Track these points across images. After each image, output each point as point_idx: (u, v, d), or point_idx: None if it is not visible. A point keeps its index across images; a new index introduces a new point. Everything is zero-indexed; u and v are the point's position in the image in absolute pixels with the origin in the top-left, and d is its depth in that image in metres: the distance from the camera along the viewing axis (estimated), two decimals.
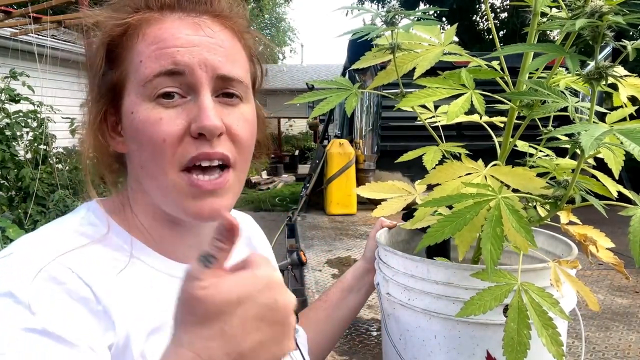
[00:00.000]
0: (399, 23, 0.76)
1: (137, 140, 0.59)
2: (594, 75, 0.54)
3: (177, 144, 0.58)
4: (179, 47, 0.58)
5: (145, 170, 0.60)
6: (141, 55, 0.59)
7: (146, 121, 0.58)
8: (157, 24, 0.60)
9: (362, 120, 3.55)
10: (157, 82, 0.57)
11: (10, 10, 4.48)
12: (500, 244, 0.57)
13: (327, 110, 0.79)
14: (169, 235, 0.66)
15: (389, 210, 0.93)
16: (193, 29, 0.60)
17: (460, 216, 0.59)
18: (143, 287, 0.60)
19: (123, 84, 0.60)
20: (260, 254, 0.48)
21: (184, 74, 0.58)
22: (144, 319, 0.58)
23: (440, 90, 0.72)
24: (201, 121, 0.57)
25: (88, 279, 0.54)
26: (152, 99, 0.58)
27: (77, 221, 0.63)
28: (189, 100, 0.59)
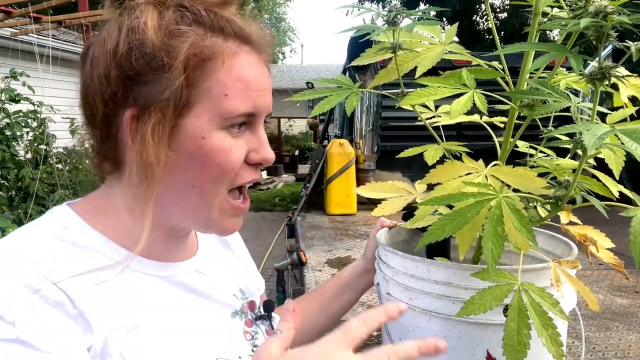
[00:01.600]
0: (400, 22, 0.76)
1: (201, 162, 0.63)
2: (597, 76, 0.54)
3: (238, 171, 0.66)
4: (259, 90, 0.65)
5: (198, 189, 0.65)
6: (226, 89, 0.62)
7: (220, 150, 0.63)
8: (238, 58, 0.64)
9: (362, 120, 3.55)
10: (238, 118, 0.64)
11: (11, 10, 4.48)
12: (502, 243, 0.57)
13: (327, 108, 0.79)
14: (157, 237, 0.69)
15: (389, 210, 0.92)
16: (262, 68, 0.67)
17: (461, 215, 0.59)
18: (119, 288, 0.62)
19: (193, 104, 0.62)
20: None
21: (255, 116, 0.66)
22: (121, 318, 0.60)
23: (442, 89, 0.72)
24: (265, 154, 0.67)
25: (62, 284, 0.56)
26: (223, 128, 0.63)
27: (49, 225, 0.64)
28: (244, 130, 0.66)
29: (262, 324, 0.82)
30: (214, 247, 0.85)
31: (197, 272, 0.75)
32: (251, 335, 0.79)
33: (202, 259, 0.78)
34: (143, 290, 0.65)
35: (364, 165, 3.52)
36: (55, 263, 0.58)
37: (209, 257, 0.80)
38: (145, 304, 0.64)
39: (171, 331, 0.65)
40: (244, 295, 0.83)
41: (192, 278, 0.73)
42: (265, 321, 0.83)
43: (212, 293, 0.76)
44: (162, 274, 0.69)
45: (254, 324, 0.81)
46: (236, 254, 0.90)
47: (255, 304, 0.84)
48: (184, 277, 0.72)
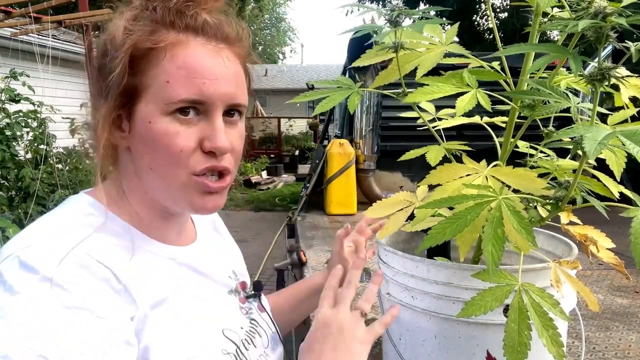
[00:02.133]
0: (402, 22, 0.76)
1: (151, 146, 0.67)
2: (597, 77, 0.54)
3: (189, 156, 0.68)
4: (205, 78, 0.67)
5: (155, 172, 0.69)
6: (169, 76, 0.66)
7: (165, 133, 0.66)
8: (184, 47, 0.67)
9: (362, 120, 3.54)
10: (180, 104, 0.66)
11: (11, 10, 4.48)
12: (502, 245, 0.57)
13: (329, 107, 0.80)
14: (161, 223, 0.75)
15: (395, 226, 0.92)
16: (214, 57, 0.69)
17: (461, 217, 0.59)
18: (144, 268, 0.69)
19: (141, 92, 0.67)
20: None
21: (204, 103, 0.67)
22: (149, 294, 0.67)
23: (445, 88, 0.72)
24: (215, 142, 0.68)
25: (106, 262, 0.63)
26: (169, 113, 0.66)
27: (72, 213, 0.69)
28: (200, 118, 0.68)
29: (253, 302, 0.90)
30: (209, 233, 0.91)
31: (199, 255, 0.81)
32: (246, 310, 0.86)
33: (201, 244, 0.84)
34: (158, 269, 0.71)
35: (364, 165, 3.52)
36: (95, 245, 0.64)
37: (207, 243, 0.86)
38: (162, 281, 0.70)
39: (184, 307, 0.72)
40: (236, 277, 0.90)
41: (195, 260, 0.79)
42: (256, 299, 0.90)
43: (212, 274, 0.82)
44: (170, 255, 0.75)
45: (247, 301, 0.88)
46: (226, 240, 0.97)
47: (247, 284, 0.91)
48: (189, 259, 0.78)
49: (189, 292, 0.74)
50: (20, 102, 4.07)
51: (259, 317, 0.88)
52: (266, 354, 0.84)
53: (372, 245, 1.04)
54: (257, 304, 0.90)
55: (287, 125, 16.91)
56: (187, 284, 0.75)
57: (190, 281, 0.76)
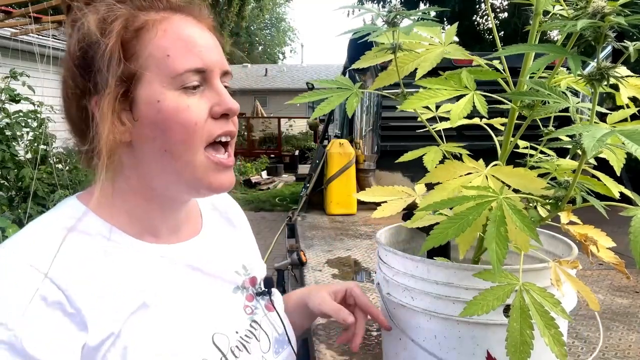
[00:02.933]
0: (400, 23, 0.76)
1: (163, 126, 0.66)
2: (596, 76, 0.54)
3: (204, 126, 0.68)
4: (202, 47, 0.68)
5: (171, 153, 0.67)
6: (167, 49, 0.66)
7: (176, 109, 0.66)
8: (170, 22, 0.68)
9: (362, 120, 3.54)
10: (186, 75, 0.66)
11: (11, 10, 4.48)
12: (506, 243, 0.57)
13: (328, 110, 0.80)
14: (156, 216, 0.74)
15: (389, 212, 0.93)
16: (200, 29, 0.71)
17: (463, 218, 0.59)
18: (125, 271, 0.67)
19: (140, 76, 0.66)
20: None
21: (205, 72, 0.68)
22: (125, 301, 0.64)
23: (442, 92, 0.72)
24: (226, 104, 0.69)
25: (62, 282, 0.60)
26: (177, 89, 0.66)
27: (60, 216, 0.68)
28: (203, 89, 0.69)
29: (262, 299, 0.87)
30: (219, 225, 0.89)
31: (200, 250, 0.79)
32: (251, 309, 0.83)
33: (205, 237, 0.82)
34: (142, 271, 0.69)
35: (364, 165, 3.52)
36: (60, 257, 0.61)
37: (213, 236, 0.84)
38: (145, 284, 0.68)
39: (171, 309, 0.69)
40: (246, 271, 0.87)
41: (194, 256, 0.77)
42: (265, 296, 0.87)
43: (215, 270, 0.80)
44: (162, 253, 0.73)
45: (255, 299, 0.85)
46: (239, 231, 0.94)
47: (257, 279, 0.88)
48: (186, 256, 0.76)
49: (182, 292, 0.72)
50: (20, 102, 4.07)
51: (264, 317, 0.85)
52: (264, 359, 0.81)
53: (371, 245, 1.04)
54: (265, 302, 0.87)
55: (287, 125, 16.92)
56: (181, 283, 0.73)
57: (185, 280, 0.74)
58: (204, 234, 0.83)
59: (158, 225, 0.74)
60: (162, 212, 0.74)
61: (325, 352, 1.19)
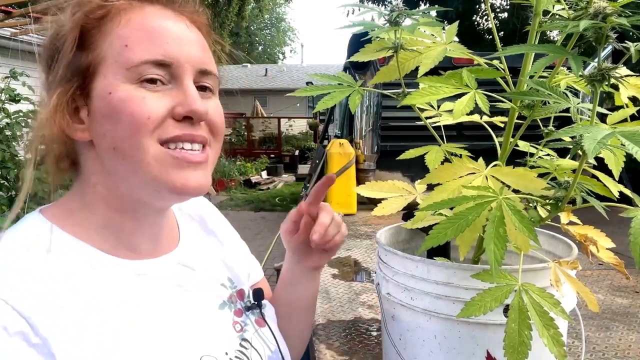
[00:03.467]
0: (402, 22, 0.76)
1: (113, 118, 0.58)
2: (597, 77, 0.54)
3: (159, 124, 0.59)
4: (168, 38, 0.61)
5: (120, 151, 0.59)
6: (126, 39, 0.59)
7: (127, 99, 0.58)
8: (139, 11, 0.61)
9: (362, 120, 3.54)
10: (143, 68, 0.59)
11: (10, 10, 4.48)
12: (504, 244, 0.57)
13: (331, 104, 0.79)
14: (130, 228, 0.66)
15: (389, 210, 0.92)
16: (175, 21, 0.63)
17: (462, 218, 0.59)
18: (98, 292, 0.60)
19: (96, 67, 0.60)
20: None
21: (170, 66, 0.60)
22: (98, 326, 0.58)
23: (443, 89, 0.72)
24: (189, 105, 0.60)
25: (26, 310, 0.53)
26: (134, 82, 0.59)
27: (20, 236, 0.61)
28: (170, 87, 0.61)
29: (251, 314, 0.79)
30: (198, 236, 0.81)
31: (180, 264, 0.72)
32: (240, 326, 0.76)
33: (184, 251, 0.74)
34: (120, 292, 0.62)
35: (364, 165, 3.52)
36: (24, 280, 0.55)
37: (193, 248, 0.76)
38: (124, 306, 0.61)
39: (153, 332, 0.62)
40: (232, 284, 0.79)
41: (174, 272, 0.70)
42: (256, 310, 0.79)
43: (198, 285, 0.73)
44: (139, 271, 0.66)
45: (244, 314, 0.78)
46: (222, 241, 0.85)
47: (245, 292, 0.81)
48: (166, 272, 0.69)
49: (163, 312, 0.65)
50: (20, 102, 4.07)
51: (255, 334, 0.77)
52: None
53: (371, 244, 1.03)
54: (255, 317, 0.79)
55: (287, 125, 16.91)
56: (162, 302, 0.66)
57: (166, 298, 0.67)
58: (183, 246, 0.74)
59: (133, 239, 0.67)
60: (136, 223, 0.67)
61: (326, 352, 1.19)
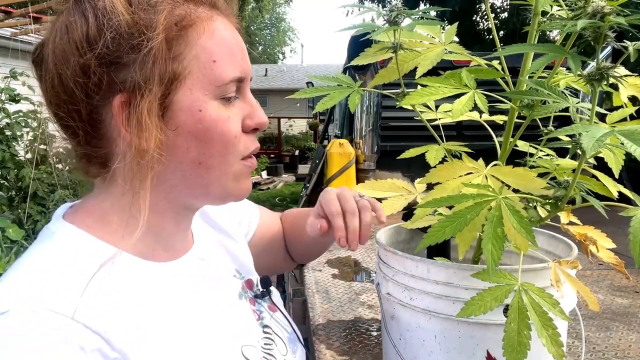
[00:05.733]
0: (401, 22, 0.76)
1: (202, 137, 0.60)
2: (595, 76, 0.55)
3: (240, 140, 0.64)
4: (241, 53, 0.64)
5: (205, 166, 0.62)
6: (213, 54, 0.60)
7: (218, 120, 0.60)
8: (214, 22, 0.61)
9: (362, 120, 3.54)
10: (230, 85, 0.61)
11: (10, 10, 4.48)
12: (501, 244, 0.57)
13: (330, 105, 0.79)
14: (170, 231, 0.67)
15: (390, 210, 0.92)
16: (236, 33, 0.65)
17: (460, 216, 0.59)
18: (148, 297, 0.60)
19: (183, 77, 0.58)
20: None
21: (244, 80, 0.64)
22: (159, 328, 0.59)
23: (442, 89, 0.72)
24: (259, 118, 0.66)
25: (97, 326, 0.52)
26: (217, 99, 0.61)
27: (65, 250, 0.58)
28: (236, 97, 0.64)
29: (263, 302, 0.80)
30: (203, 229, 0.81)
31: (200, 259, 0.72)
32: (257, 314, 0.77)
33: (200, 245, 0.75)
34: (168, 296, 0.63)
35: (364, 165, 3.52)
36: (85, 300, 0.53)
37: (204, 241, 0.77)
38: (171, 307, 0.62)
39: (198, 329, 0.64)
40: (240, 275, 0.80)
41: (200, 267, 0.71)
42: (266, 297, 0.81)
43: (219, 279, 0.74)
44: (177, 271, 0.66)
45: (256, 303, 0.79)
46: (223, 229, 0.85)
47: (253, 282, 0.82)
48: (195, 268, 0.70)
49: (203, 308, 0.67)
50: (20, 102, 4.07)
51: (272, 320, 0.79)
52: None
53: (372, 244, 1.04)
54: (267, 303, 0.81)
55: (287, 125, 16.93)
56: (199, 298, 0.67)
57: (201, 294, 0.68)
58: (197, 241, 0.76)
59: (170, 240, 0.68)
60: (176, 225, 0.68)
61: (326, 352, 1.19)
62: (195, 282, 0.69)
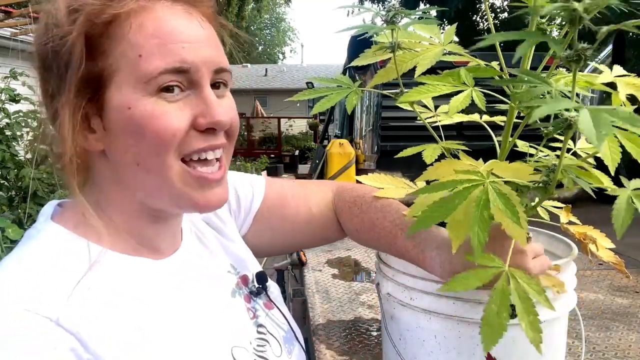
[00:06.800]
0: (399, 22, 0.76)
1: (135, 136, 0.57)
2: (573, 57, 0.54)
3: (184, 138, 0.58)
4: (184, 42, 0.57)
5: (143, 166, 0.58)
6: (140, 49, 0.56)
7: (151, 116, 0.56)
8: (149, 13, 0.57)
9: (362, 120, 3.54)
10: (161, 78, 0.56)
11: (10, 10, 4.48)
12: (487, 226, 0.56)
13: (328, 106, 0.79)
14: (150, 231, 0.65)
15: (390, 195, 0.92)
16: (187, 20, 0.59)
17: (448, 201, 0.58)
18: (130, 295, 0.59)
19: (109, 78, 0.57)
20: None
21: (188, 72, 0.58)
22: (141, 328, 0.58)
23: (441, 87, 0.72)
24: (212, 116, 0.59)
25: (72, 325, 0.52)
26: (152, 94, 0.57)
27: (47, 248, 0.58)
28: (188, 94, 0.59)
29: (259, 299, 0.78)
30: (196, 224, 0.79)
31: (194, 256, 0.72)
32: (252, 312, 0.75)
33: (192, 242, 0.74)
34: (155, 295, 0.62)
35: (364, 165, 3.52)
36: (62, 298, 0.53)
37: (197, 237, 0.76)
38: (161, 308, 0.61)
39: (185, 329, 0.62)
40: (236, 271, 0.78)
41: (192, 265, 0.70)
42: (261, 294, 0.78)
43: (212, 277, 0.72)
44: (166, 270, 0.66)
45: (252, 300, 0.77)
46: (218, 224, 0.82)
47: (248, 278, 0.79)
48: (186, 266, 0.69)
49: (193, 308, 0.65)
50: (20, 102, 4.07)
51: (267, 318, 0.77)
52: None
53: None
54: (263, 300, 0.79)
55: (287, 125, 16.92)
56: (190, 297, 0.66)
57: (192, 293, 0.67)
58: (188, 237, 0.74)
59: (155, 241, 0.66)
60: (157, 227, 0.66)
61: (325, 352, 1.19)
62: (181, 280, 0.67)
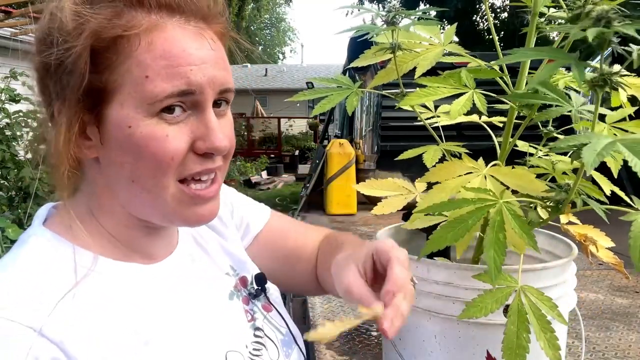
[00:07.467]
0: (399, 23, 0.76)
1: (133, 155, 0.56)
2: (599, 82, 0.54)
3: (182, 161, 0.58)
4: (192, 65, 0.56)
5: (138, 184, 0.58)
6: (147, 69, 0.55)
7: (151, 138, 0.55)
8: (160, 32, 0.56)
9: (362, 120, 3.54)
10: (166, 101, 0.55)
11: (10, 10, 4.48)
12: (504, 249, 0.57)
13: (328, 107, 0.79)
14: (142, 238, 0.65)
15: (389, 209, 0.92)
16: (198, 41, 0.58)
17: (462, 222, 0.59)
18: (121, 302, 0.59)
19: (112, 93, 0.56)
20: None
21: (194, 94, 0.57)
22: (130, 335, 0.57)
23: (442, 89, 0.72)
24: (212, 142, 0.58)
25: (56, 335, 0.51)
26: (154, 115, 0.56)
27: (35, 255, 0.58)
28: (189, 114, 0.58)
29: (257, 301, 0.77)
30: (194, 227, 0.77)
31: (189, 259, 0.71)
32: (250, 314, 0.74)
33: (188, 244, 0.73)
34: (147, 300, 0.61)
35: (364, 165, 3.52)
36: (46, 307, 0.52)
37: (194, 239, 0.75)
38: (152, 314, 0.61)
39: (179, 334, 0.62)
40: (235, 272, 0.78)
41: (187, 268, 0.70)
42: (260, 296, 0.77)
43: (208, 279, 0.72)
44: (160, 275, 0.65)
45: (250, 302, 0.76)
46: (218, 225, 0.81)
47: (247, 279, 0.79)
48: (180, 270, 0.68)
49: (187, 312, 0.65)
50: (20, 102, 4.07)
51: (264, 321, 0.76)
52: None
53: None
54: (262, 302, 0.78)
55: (287, 125, 16.91)
56: (184, 302, 0.65)
57: (187, 297, 0.66)
58: (185, 240, 0.74)
59: (147, 248, 0.66)
60: (148, 238, 0.66)
61: (325, 352, 1.19)
62: (175, 284, 0.67)
